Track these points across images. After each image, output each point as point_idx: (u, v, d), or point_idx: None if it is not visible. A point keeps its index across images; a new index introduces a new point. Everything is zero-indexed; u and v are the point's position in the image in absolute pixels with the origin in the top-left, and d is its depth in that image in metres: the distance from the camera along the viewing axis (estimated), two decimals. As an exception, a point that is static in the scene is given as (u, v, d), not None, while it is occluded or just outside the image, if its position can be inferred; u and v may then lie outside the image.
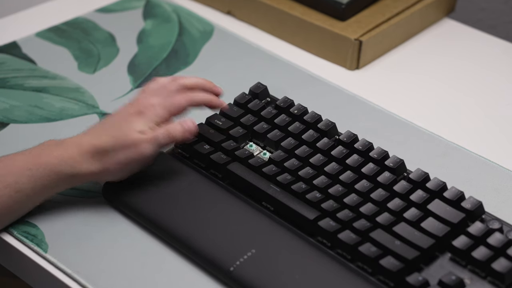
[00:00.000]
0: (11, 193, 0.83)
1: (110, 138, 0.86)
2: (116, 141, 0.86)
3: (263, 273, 0.80)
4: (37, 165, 0.84)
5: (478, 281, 0.79)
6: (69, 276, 0.82)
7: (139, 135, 0.86)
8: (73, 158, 0.85)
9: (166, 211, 0.86)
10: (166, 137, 0.87)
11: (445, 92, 1.09)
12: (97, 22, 1.19)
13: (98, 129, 0.88)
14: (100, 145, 0.85)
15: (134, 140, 0.86)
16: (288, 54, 1.14)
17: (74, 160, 0.85)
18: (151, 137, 0.86)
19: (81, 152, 0.85)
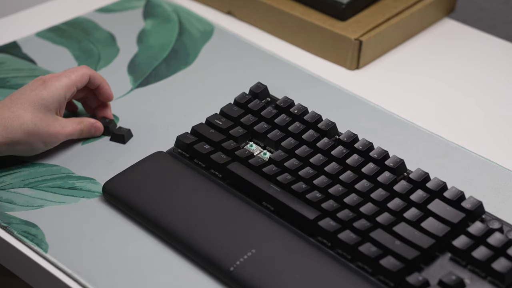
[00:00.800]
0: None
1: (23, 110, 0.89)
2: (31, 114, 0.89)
3: (263, 273, 0.80)
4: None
5: (478, 281, 0.79)
6: (69, 276, 0.82)
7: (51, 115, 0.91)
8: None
9: (166, 211, 0.86)
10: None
11: (445, 92, 1.09)
12: (97, 22, 1.19)
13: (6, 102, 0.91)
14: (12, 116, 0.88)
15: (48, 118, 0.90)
16: (288, 54, 1.14)
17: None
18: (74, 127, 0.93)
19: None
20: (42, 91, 0.91)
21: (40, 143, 0.92)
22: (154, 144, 0.96)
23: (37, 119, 0.90)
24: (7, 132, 0.89)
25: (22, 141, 0.90)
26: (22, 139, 0.90)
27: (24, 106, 0.90)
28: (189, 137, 0.93)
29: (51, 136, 0.92)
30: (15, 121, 0.89)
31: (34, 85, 0.92)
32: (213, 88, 1.07)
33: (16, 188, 0.91)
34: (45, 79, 0.93)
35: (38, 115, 0.90)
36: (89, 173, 0.93)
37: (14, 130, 0.89)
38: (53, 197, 0.90)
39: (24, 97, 0.91)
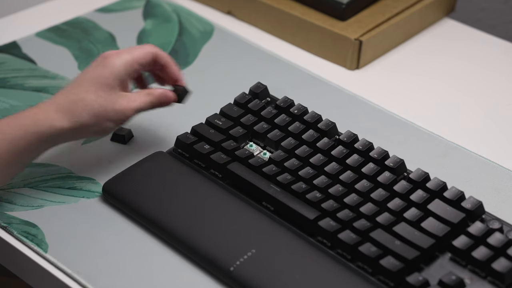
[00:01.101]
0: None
1: (86, 92, 0.86)
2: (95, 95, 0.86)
3: (263, 273, 0.80)
4: (11, 126, 0.83)
5: (478, 281, 0.79)
6: (69, 276, 0.82)
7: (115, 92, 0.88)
8: (49, 116, 0.84)
9: (166, 211, 0.86)
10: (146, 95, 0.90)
11: (445, 92, 1.09)
12: (97, 22, 1.19)
13: (73, 84, 0.88)
14: (77, 99, 0.86)
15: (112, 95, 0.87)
16: (288, 54, 1.14)
17: (51, 118, 0.84)
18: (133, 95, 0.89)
19: (57, 109, 0.85)
20: (102, 69, 0.88)
21: (108, 122, 0.88)
22: (154, 144, 0.96)
23: (101, 99, 0.87)
24: (73, 116, 0.85)
25: (90, 124, 0.87)
26: (90, 121, 0.86)
27: (86, 87, 0.87)
28: (189, 137, 0.93)
29: (118, 113, 0.88)
30: (79, 104, 0.86)
31: (94, 64, 0.89)
32: (213, 88, 1.07)
33: (16, 188, 0.91)
34: (105, 56, 0.89)
35: (101, 94, 0.87)
36: (89, 173, 0.93)
37: (79, 113, 0.86)
38: (53, 197, 0.90)
39: (86, 77, 0.88)
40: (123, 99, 0.89)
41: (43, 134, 0.84)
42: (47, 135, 0.84)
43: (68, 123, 0.85)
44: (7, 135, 0.83)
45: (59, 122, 0.85)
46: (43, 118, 0.84)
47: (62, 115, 0.85)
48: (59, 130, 0.85)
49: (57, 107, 0.85)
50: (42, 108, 0.85)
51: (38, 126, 0.84)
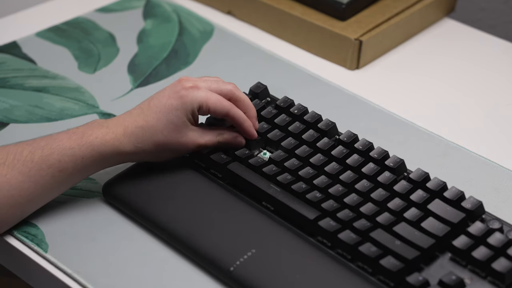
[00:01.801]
0: (55, 173, 0.84)
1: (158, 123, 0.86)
2: (163, 125, 0.86)
3: (263, 273, 0.80)
4: (80, 144, 0.85)
5: (478, 281, 0.79)
6: (69, 276, 0.82)
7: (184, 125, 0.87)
8: (116, 138, 0.85)
9: (166, 211, 0.86)
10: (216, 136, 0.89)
11: (445, 92, 1.09)
12: (97, 22, 1.19)
13: (144, 108, 0.88)
14: (148, 129, 0.86)
15: (180, 129, 0.87)
16: (288, 54, 1.14)
17: (118, 141, 0.85)
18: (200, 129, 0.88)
19: (125, 133, 0.86)
20: (177, 102, 0.87)
21: (168, 153, 0.88)
22: (154, 144, 0.96)
23: (168, 131, 0.87)
24: (138, 142, 0.86)
25: (151, 151, 0.87)
26: (152, 149, 0.87)
27: (158, 115, 0.87)
28: (189, 137, 0.93)
29: (182, 146, 0.88)
30: (147, 132, 0.86)
31: (172, 91, 0.88)
32: (213, 88, 1.07)
33: (16, 188, 0.91)
34: (183, 86, 0.88)
35: (170, 126, 0.87)
36: (89, 173, 0.93)
37: (145, 140, 0.86)
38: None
39: (159, 105, 0.87)
40: (190, 133, 0.88)
41: (107, 154, 0.85)
42: (110, 156, 0.86)
43: (131, 147, 0.86)
44: (75, 150, 0.84)
45: (123, 146, 0.86)
46: (111, 140, 0.85)
47: (128, 139, 0.86)
48: (123, 153, 0.86)
49: (125, 130, 0.86)
50: (112, 128, 0.86)
51: (105, 147, 0.85)
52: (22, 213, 0.85)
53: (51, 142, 0.85)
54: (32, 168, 0.83)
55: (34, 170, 0.83)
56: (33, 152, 0.84)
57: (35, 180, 0.83)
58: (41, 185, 0.84)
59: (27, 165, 0.83)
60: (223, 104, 0.89)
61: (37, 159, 0.84)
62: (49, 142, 0.85)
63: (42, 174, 0.84)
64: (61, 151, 0.84)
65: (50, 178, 0.84)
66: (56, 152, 0.84)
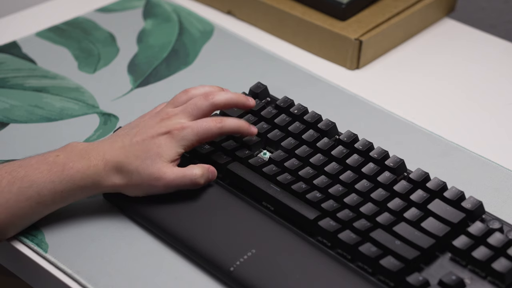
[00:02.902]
0: (32, 204, 0.83)
1: (136, 161, 0.85)
2: (143, 169, 0.85)
3: (263, 273, 0.80)
4: (60, 178, 0.84)
5: (478, 281, 0.79)
6: (69, 276, 0.82)
7: (165, 170, 0.85)
8: (97, 173, 0.85)
9: (166, 211, 0.86)
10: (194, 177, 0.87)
11: (445, 92, 1.09)
12: (97, 22, 1.19)
13: (126, 143, 0.86)
14: (126, 166, 0.85)
15: (160, 175, 0.85)
16: (288, 54, 1.14)
17: (99, 175, 0.85)
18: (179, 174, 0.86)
19: (106, 168, 0.85)
20: (159, 149, 0.86)
21: (138, 191, 0.86)
22: (154, 144, 0.96)
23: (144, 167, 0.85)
24: (116, 178, 0.85)
25: (128, 187, 0.86)
26: (127, 185, 0.86)
27: (139, 154, 0.85)
28: (189, 137, 0.93)
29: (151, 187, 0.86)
30: (125, 167, 0.85)
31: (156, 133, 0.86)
32: (213, 88, 1.07)
33: (16, 188, 0.91)
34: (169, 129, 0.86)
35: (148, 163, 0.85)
36: (89, 173, 0.93)
37: (123, 178, 0.85)
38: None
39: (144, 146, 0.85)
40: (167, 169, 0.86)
41: (87, 188, 0.85)
42: (90, 189, 0.85)
43: (119, 180, 0.85)
44: (55, 184, 0.84)
45: (103, 180, 0.85)
46: (92, 174, 0.84)
47: (107, 174, 0.85)
48: (102, 186, 0.85)
49: (106, 164, 0.85)
50: (93, 161, 0.85)
51: (85, 181, 0.84)
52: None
53: (31, 173, 0.83)
54: (9, 199, 0.82)
55: (11, 201, 0.82)
56: (11, 182, 0.83)
57: (12, 212, 0.83)
58: (18, 216, 0.83)
59: (4, 196, 0.82)
60: (211, 131, 0.88)
61: (15, 190, 0.82)
62: (28, 172, 0.83)
63: (20, 206, 0.83)
64: (41, 184, 0.83)
65: (28, 209, 0.83)
66: (35, 185, 0.83)
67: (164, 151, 0.86)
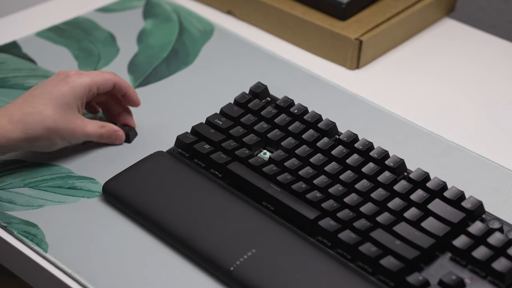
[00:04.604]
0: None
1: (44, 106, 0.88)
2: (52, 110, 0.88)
3: (263, 273, 0.80)
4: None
5: (479, 281, 0.79)
6: (69, 276, 0.82)
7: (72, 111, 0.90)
8: (2, 126, 0.87)
9: (166, 210, 0.86)
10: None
11: (445, 92, 1.09)
12: (97, 22, 1.19)
13: (27, 98, 0.90)
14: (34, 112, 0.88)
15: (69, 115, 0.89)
16: (288, 54, 1.14)
17: (4, 128, 0.87)
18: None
19: (11, 120, 0.87)
20: (64, 87, 0.90)
21: (59, 139, 0.91)
22: (154, 144, 0.96)
23: (58, 116, 0.89)
24: (27, 128, 0.88)
25: (42, 137, 0.89)
26: (42, 135, 0.89)
27: (45, 101, 0.89)
28: (189, 136, 0.93)
29: (70, 132, 0.91)
30: (36, 117, 0.88)
31: (56, 80, 0.92)
32: (213, 88, 1.07)
33: (16, 188, 0.91)
34: (67, 74, 0.92)
35: (59, 111, 0.90)
36: (89, 173, 0.93)
37: (34, 126, 0.88)
38: (53, 197, 0.90)
39: (46, 92, 0.90)
40: (77, 120, 0.92)
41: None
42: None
43: (20, 134, 0.88)
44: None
45: (10, 133, 0.87)
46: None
47: (14, 127, 0.87)
48: (10, 140, 0.87)
49: (11, 117, 0.88)
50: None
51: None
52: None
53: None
54: None
55: None
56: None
57: None
58: None
59: None
60: (108, 77, 0.94)
61: None
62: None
63: None
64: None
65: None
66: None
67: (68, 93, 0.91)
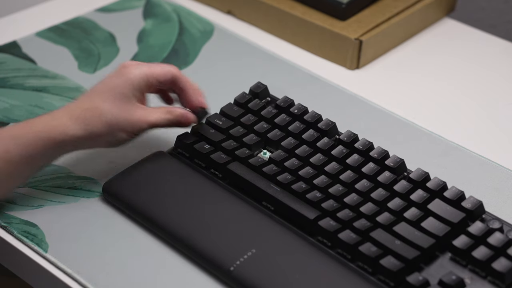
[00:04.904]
0: (1, 164, 0.82)
1: (102, 101, 0.85)
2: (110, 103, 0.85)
3: (263, 273, 0.80)
4: (25, 132, 0.83)
5: (479, 281, 0.79)
6: (69, 276, 0.82)
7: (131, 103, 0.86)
8: (62, 123, 0.84)
9: (166, 210, 0.86)
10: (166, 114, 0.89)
11: (445, 92, 1.09)
12: (97, 22, 1.19)
13: (87, 94, 0.88)
14: (92, 107, 0.85)
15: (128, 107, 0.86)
16: (288, 54, 1.14)
17: (64, 125, 0.84)
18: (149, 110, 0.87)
19: (71, 117, 0.84)
20: (119, 79, 0.86)
21: (122, 133, 0.86)
22: (154, 144, 0.96)
23: (116, 109, 0.85)
24: (87, 124, 0.84)
25: (103, 133, 0.85)
26: (103, 130, 0.85)
27: (102, 95, 0.86)
28: (189, 137, 0.93)
29: (132, 124, 0.86)
30: (94, 112, 0.85)
31: (113, 73, 0.88)
32: (213, 88, 1.07)
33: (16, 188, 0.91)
34: (124, 65, 0.88)
35: (117, 103, 0.85)
36: (89, 173, 0.93)
37: (94, 121, 0.85)
38: (53, 197, 0.90)
39: (102, 86, 0.87)
40: (139, 111, 0.87)
41: (55, 140, 0.84)
42: (59, 142, 0.84)
43: (81, 131, 0.85)
44: (19, 139, 0.82)
45: (71, 130, 0.84)
46: (56, 125, 0.84)
47: (74, 123, 0.84)
48: (72, 137, 0.84)
49: (71, 114, 0.85)
50: (56, 114, 0.85)
51: (50, 133, 0.83)
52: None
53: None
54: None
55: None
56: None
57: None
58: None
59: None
60: (167, 69, 0.89)
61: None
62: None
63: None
64: (7, 140, 0.82)
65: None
66: (1, 143, 0.82)
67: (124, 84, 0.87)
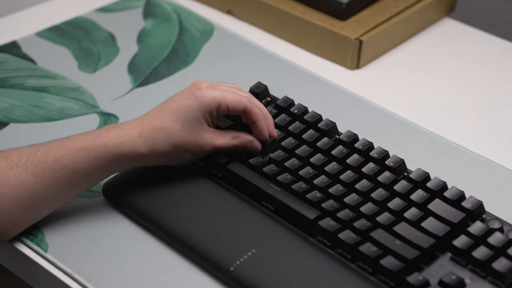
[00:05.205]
0: (68, 174, 0.83)
1: (173, 122, 0.85)
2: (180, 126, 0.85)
3: (263, 273, 0.80)
4: (95, 145, 0.83)
5: (479, 281, 0.79)
6: (69, 276, 0.82)
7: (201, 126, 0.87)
8: (132, 140, 0.84)
9: (166, 210, 0.86)
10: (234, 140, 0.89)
11: (445, 92, 1.09)
12: (97, 22, 1.19)
13: (160, 111, 0.87)
14: (162, 127, 0.85)
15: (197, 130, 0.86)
16: (288, 54, 1.14)
17: (133, 142, 0.84)
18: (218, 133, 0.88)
19: (141, 134, 0.85)
20: (193, 102, 0.86)
21: (187, 154, 0.87)
22: (154, 144, 0.96)
23: (185, 132, 0.86)
24: (154, 143, 0.85)
25: (169, 153, 0.86)
26: (169, 151, 0.86)
27: (174, 116, 0.86)
28: (189, 137, 0.93)
29: (198, 147, 0.87)
30: (164, 132, 0.85)
31: (187, 93, 0.87)
32: (213, 88, 1.07)
33: (16, 188, 0.91)
34: (198, 86, 0.87)
35: (187, 127, 0.86)
36: (89, 173, 0.93)
37: (161, 142, 0.85)
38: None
39: (175, 106, 0.86)
40: (206, 134, 0.87)
41: (122, 156, 0.84)
42: (126, 158, 0.85)
43: (147, 149, 0.85)
44: (88, 151, 0.83)
45: (139, 147, 0.85)
46: (126, 141, 0.84)
47: (143, 141, 0.85)
48: (138, 154, 0.85)
49: (141, 132, 0.85)
50: (127, 130, 0.85)
51: (119, 148, 0.84)
52: (35, 215, 0.85)
53: (66, 143, 0.84)
54: (45, 170, 0.82)
55: (47, 171, 0.82)
56: (47, 153, 0.83)
57: (48, 182, 0.82)
58: (54, 186, 0.83)
59: (40, 166, 0.82)
60: (240, 99, 0.88)
61: (50, 160, 0.82)
62: (63, 143, 0.84)
63: (55, 176, 0.82)
64: (75, 152, 0.83)
65: (64, 179, 0.83)
66: (70, 153, 0.83)
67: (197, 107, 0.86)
